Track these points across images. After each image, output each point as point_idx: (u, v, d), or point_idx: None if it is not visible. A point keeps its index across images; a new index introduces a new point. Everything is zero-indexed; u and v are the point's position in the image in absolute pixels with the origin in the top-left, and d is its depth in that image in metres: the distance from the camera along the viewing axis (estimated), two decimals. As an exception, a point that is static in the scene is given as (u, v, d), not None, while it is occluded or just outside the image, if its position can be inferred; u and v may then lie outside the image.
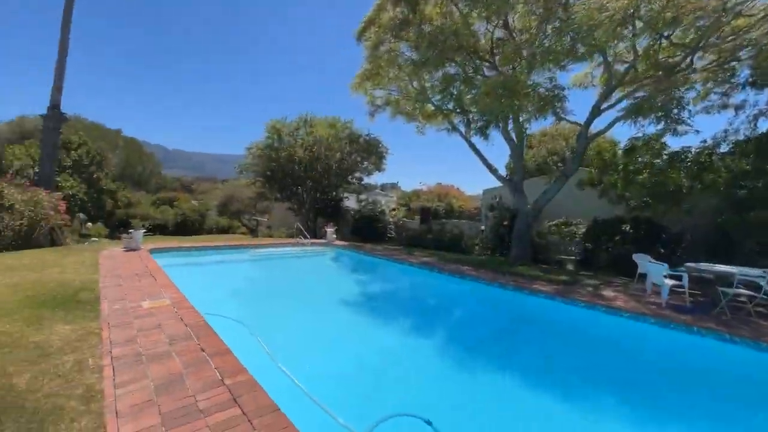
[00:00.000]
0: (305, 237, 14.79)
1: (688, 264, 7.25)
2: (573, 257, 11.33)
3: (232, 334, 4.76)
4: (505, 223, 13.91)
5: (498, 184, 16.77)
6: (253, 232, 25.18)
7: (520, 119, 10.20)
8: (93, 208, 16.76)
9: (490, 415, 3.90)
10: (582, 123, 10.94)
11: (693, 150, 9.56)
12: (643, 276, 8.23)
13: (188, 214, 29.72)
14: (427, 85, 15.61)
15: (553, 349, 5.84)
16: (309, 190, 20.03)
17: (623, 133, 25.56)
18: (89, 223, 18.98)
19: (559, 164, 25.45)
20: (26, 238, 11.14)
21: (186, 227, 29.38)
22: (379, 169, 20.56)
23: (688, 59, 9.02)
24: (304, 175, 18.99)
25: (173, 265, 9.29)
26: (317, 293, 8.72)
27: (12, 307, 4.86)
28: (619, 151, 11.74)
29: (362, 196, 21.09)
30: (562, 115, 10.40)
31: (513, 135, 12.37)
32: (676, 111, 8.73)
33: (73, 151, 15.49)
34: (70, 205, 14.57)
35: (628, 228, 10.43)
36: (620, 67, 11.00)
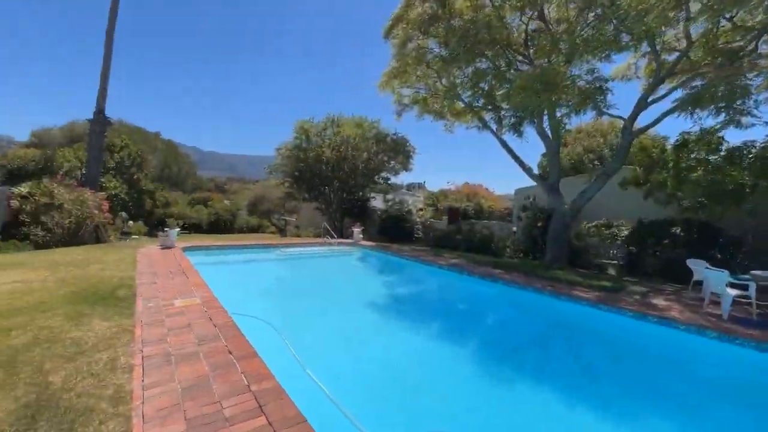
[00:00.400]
0: (332, 237, 14.80)
1: (755, 272, 6.48)
2: (615, 261, 10.56)
3: (259, 336, 4.70)
4: (540, 224, 13.25)
5: (531, 183, 16.06)
6: (281, 231, 25.67)
7: (558, 114, 9.60)
8: (133, 207, 17.65)
9: (521, 430, 3.58)
10: (626, 117, 10.17)
11: (758, 144, 8.59)
12: (699, 284, 7.49)
13: (221, 214, 30.78)
14: (457, 81, 15.19)
15: (597, 362, 5.37)
16: (336, 190, 20.10)
17: (670, 128, 23.76)
18: (130, 222, 20.03)
19: (595, 162, 24.13)
20: (74, 236, 11.84)
21: (219, 226, 30.46)
22: (406, 168, 20.30)
23: (753, 44, 8.11)
24: (331, 175, 19.07)
25: (204, 263, 9.50)
26: (344, 294, 8.61)
27: (56, 302, 5.05)
28: (668, 147, 10.83)
29: (389, 196, 20.91)
30: (604, 110, 9.69)
31: (548, 131, 11.74)
32: (741, 101, 7.86)
33: (116, 154, 16.38)
34: (112, 205, 15.39)
35: (679, 230, 9.58)
36: (667, 57, 10.14)
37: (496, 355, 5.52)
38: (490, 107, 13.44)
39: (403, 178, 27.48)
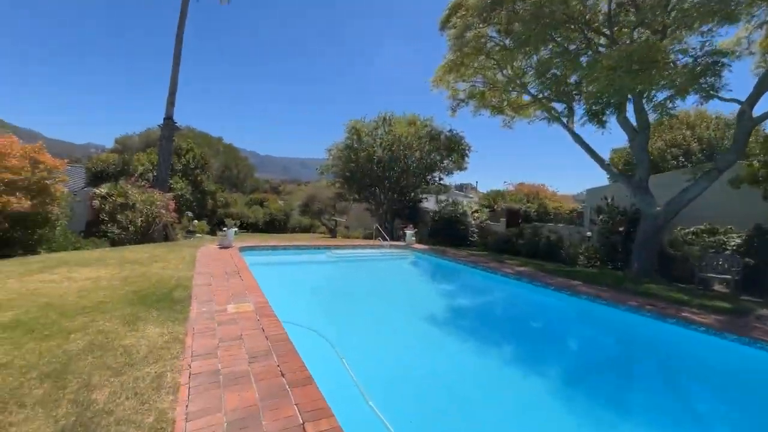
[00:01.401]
0: (384, 239, 14.27)
1: None
2: (727, 276, 8.69)
3: (313, 351, 4.20)
4: (621, 228, 11.53)
5: (604, 182, 14.17)
6: (331, 231, 25.83)
7: (653, 99, 8.07)
8: (197, 207, 18.65)
9: None
10: (742, 101, 8.31)
11: None
12: None
13: (275, 214, 32.02)
14: (520, 71, 13.90)
15: (734, 412, 4.10)
16: (386, 190, 19.61)
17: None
18: (195, 221, 21.35)
19: (680, 158, 21.08)
20: (145, 234, 12.61)
21: (273, 225, 31.74)
22: (460, 167, 19.21)
23: None
24: (382, 175, 18.61)
25: (258, 264, 9.43)
26: (400, 303, 7.95)
27: (117, 302, 5.00)
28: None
29: (441, 197, 19.96)
30: (714, 92, 7.97)
31: (633, 121, 10.09)
32: None
33: (183, 157, 17.41)
34: (178, 205, 16.32)
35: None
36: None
37: (585, 388, 4.49)
38: (563, 96, 12.00)
39: (453, 179, 26.32)
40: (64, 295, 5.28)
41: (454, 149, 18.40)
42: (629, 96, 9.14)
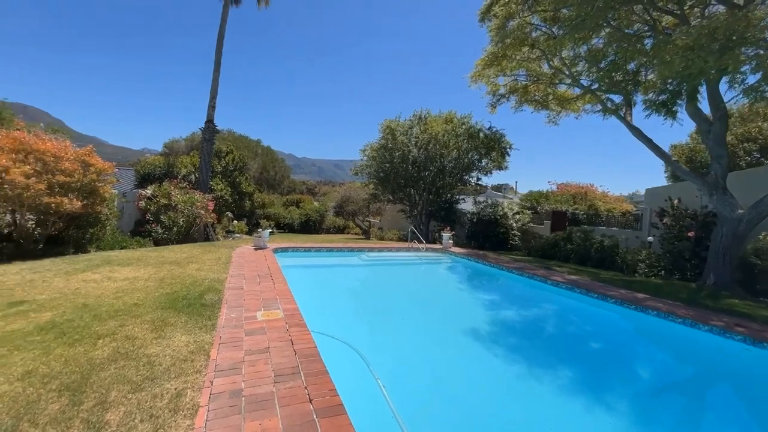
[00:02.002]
0: (420, 242, 13.70)
1: None
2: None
3: (345, 368, 3.81)
4: (690, 234, 10.16)
5: (656, 182, 12.64)
6: (365, 233, 25.63)
7: (743, 82, 6.87)
8: (235, 208, 19.14)
9: None
10: None
11: None
12: None
13: (310, 215, 32.40)
14: (567, 61, 12.82)
15: None
16: (421, 191, 19.00)
17: None
18: (235, 221, 22.00)
19: (754, 153, 18.66)
20: (186, 234, 13.00)
21: (308, 226, 32.13)
22: (500, 167, 18.18)
23: None
24: (417, 175, 18.03)
25: (291, 266, 9.27)
26: (439, 314, 7.38)
27: (149, 305, 4.91)
28: None
29: (479, 198, 19.03)
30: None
31: (707, 111, 8.79)
32: None
33: (222, 159, 17.92)
34: (218, 206, 16.79)
35: None
36: None
37: (666, 428, 3.70)
38: (615, 87, 10.85)
39: (491, 180, 25.12)
40: (101, 296, 5.29)
41: (493, 147, 17.42)
42: (703, 81, 7.94)
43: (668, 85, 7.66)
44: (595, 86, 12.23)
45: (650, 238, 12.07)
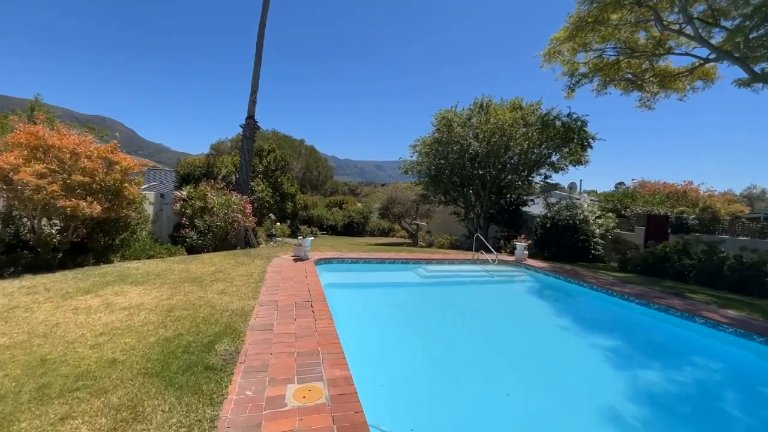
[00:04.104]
0: (488, 251, 11.31)
1: None
2: None
3: None
4: None
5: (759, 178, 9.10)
6: (412, 237, 23.54)
7: None
8: (277, 209, 18.01)
9: None
10: None
11: None
12: None
13: (354, 216, 31.04)
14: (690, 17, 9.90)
15: None
16: (480, 190, 16.51)
17: None
18: (277, 223, 21.01)
19: None
20: (222, 240, 11.78)
21: (352, 228, 30.80)
22: (579, 161, 15.18)
23: None
24: (476, 172, 15.59)
25: (336, 286, 7.49)
26: (541, 367, 5.08)
27: (129, 366, 3.25)
28: None
29: (552, 200, 16.16)
30: None
31: None
32: None
33: (264, 158, 16.82)
34: (259, 207, 15.61)
35: None
36: None
37: None
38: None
39: (562, 178, 21.82)
40: (77, 340, 3.75)
41: (571, 138, 14.50)
42: None
43: None
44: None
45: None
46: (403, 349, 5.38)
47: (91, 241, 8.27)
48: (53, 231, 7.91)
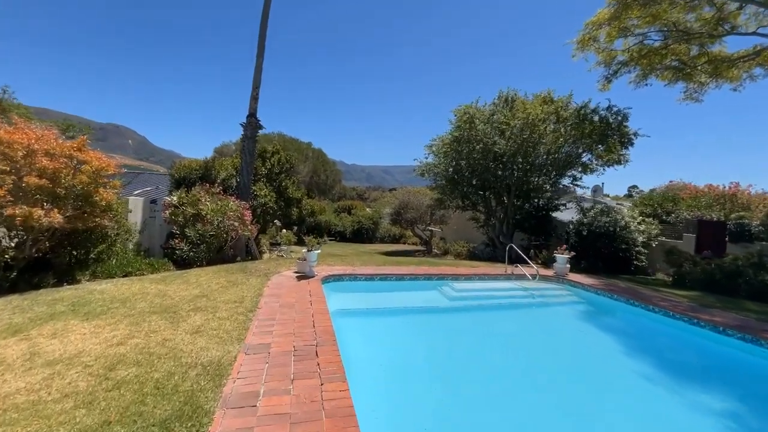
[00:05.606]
0: (525, 263, 9.68)
1: None
2: None
3: None
4: None
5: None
6: (426, 244, 21.95)
7: None
8: (282, 216, 16.64)
9: None
10: None
11: None
12: None
13: (363, 222, 29.59)
14: None
15: None
16: (504, 194, 14.91)
17: None
18: (283, 230, 19.64)
19: None
20: (218, 251, 10.41)
21: (361, 234, 29.33)
22: (618, 161, 13.50)
23: None
24: (501, 173, 14.01)
25: (348, 316, 6.04)
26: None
27: None
28: None
29: (586, 204, 14.48)
30: None
31: None
32: None
33: (267, 161, 15.51)
34: (261, 213, 14.25)
35: None
36: None
37: None
38: None
39: (594, 180, 20.03)
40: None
41: (609, 135, 12.85)
42: None
43: None
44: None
45: None
46: (442, 419, 3.82)
47: (55, 257, 6.93)
48: (11, 244, 6.58)
